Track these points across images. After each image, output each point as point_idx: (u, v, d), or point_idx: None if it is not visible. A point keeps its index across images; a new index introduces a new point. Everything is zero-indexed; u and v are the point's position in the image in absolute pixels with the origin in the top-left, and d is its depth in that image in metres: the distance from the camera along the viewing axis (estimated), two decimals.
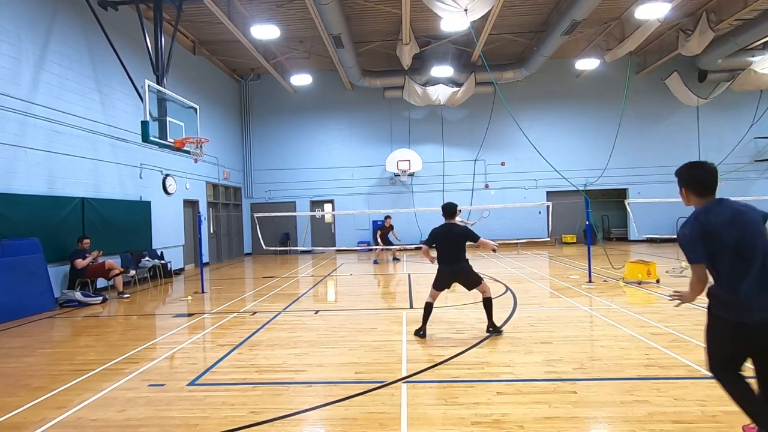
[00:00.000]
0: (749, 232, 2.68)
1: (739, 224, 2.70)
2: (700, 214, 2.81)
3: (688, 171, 2.97)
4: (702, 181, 2.90)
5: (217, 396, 4.08)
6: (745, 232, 2.68)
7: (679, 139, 19.59)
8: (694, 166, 2.96)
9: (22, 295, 7.97)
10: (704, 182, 2.89)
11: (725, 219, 2.72)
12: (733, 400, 2.90)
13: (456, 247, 5.74)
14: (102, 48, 10.68)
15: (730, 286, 2.71)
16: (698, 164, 2.95)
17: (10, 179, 8.42)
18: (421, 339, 5.66)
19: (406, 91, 18.39)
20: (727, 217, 2.73)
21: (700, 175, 2.90)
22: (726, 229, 2.70)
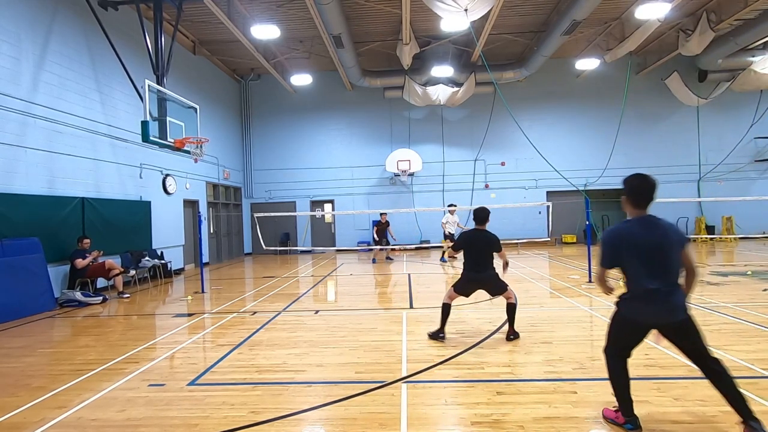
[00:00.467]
0: (662, 250, 3.05)
1: (656, 242, 3.06)
2: (625, 224, 3.16)
3: (631, 181, 3.18)
4: (640, 192, 3.13)
5: (217, 396, 4.08)
6: (662, 249, 3.05)
7: (679, 139, 19.60)
8: (639, 177, 3.16)
9: (22, 295, 7.97)
10: (642, 194, 3.13)
11: (644, 233, 3.07)
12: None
13: (482, 255, 5.60)
14: (102, 48, 10.68)
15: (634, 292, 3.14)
16: (642, 176, 3.16)
17: (10, 179, 8.42)
18: (439, 340, 5.53)
19: (406, 91, 18.39)
20: (647, 232, 3.08)
21: (645, 187, 3.13)
22: (641, 242, 3.06)
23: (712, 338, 5.27)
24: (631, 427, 3.18)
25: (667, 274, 3.08)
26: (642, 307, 3.13)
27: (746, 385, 3.86)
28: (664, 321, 3.13)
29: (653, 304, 3.08)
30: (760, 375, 4.13)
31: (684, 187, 19.47)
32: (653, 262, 3.06)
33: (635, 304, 3.16)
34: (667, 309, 3.08)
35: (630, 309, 3.21)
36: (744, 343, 5.06)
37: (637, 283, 3.12)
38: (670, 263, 3.08)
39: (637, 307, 3.16)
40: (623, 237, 3.13)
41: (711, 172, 19.43)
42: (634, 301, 3.16)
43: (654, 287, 3.05)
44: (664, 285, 3.06)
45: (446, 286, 10.11)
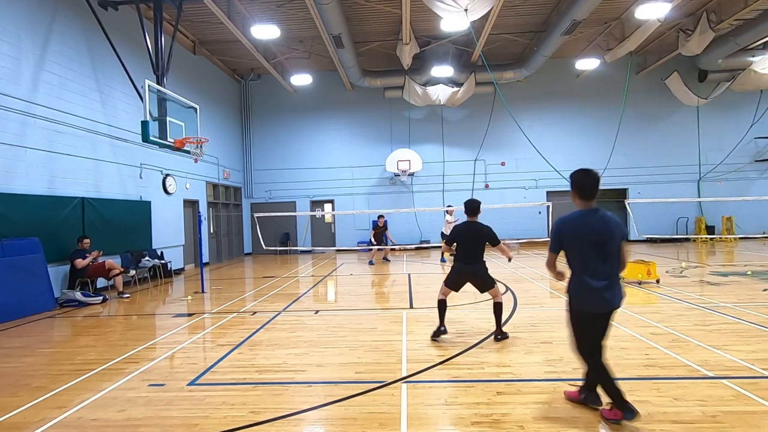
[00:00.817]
0: (604, 242, 3.25)
1: (599, 232, 3.26)
2: (575, 214, 3.35)
3: (577, 176, 3.38)
4: (587, 186, 3.34)
5: (217, 396, 4.08)
6: (602, 240, 3.25)
7: (679, 139, 19.60)
8: (583, 172, 3.37)
9: (22, 295, 7.97)
10: (588, 187, 3.34)
11: (591, 224, 3.28)
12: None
13: (474, 246, 5.61)
14: (102, 48, 10.68)
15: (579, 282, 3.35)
16: (587, 171, 3.37)
17: (11, 179, 8.42)
18: (438, 339, 5.53)
19: (406, 91, 18.39)
20: (593, 223, 3.28)
21: (587, 181, 3.34)
22: (587, 233, 3.25)
23: (712, 338, 5.28)
24: (630, 416, 3.22)
25: (609, 263, 3.29)
26: (589, 296, 3.30)
27: (746, 385, 3.87)
28: (609, 308, 3.32)
29: (598, 291, 3.27)
30: (760, 375, 4.13)
31: (684, 187, 19.47)
32: (597, 251, 3.26)
33: (583, 294, 3.33)
34: (610, 297, 3.28)
35: (580, 301, 3.37)
36: (744, 343, 5.06)
37: (582, 270, 3.32)
38: (611, 254, 3.29)
39: (585, 297, 3.32)
40: (572, 225, 3.33)
41: (711, 172, 19.43)
42: (581, 291, 3.34)
43: (597, 276, 3.26)
44: (606, 274, 3.28)
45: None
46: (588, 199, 3.36)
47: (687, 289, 8.36)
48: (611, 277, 3.31)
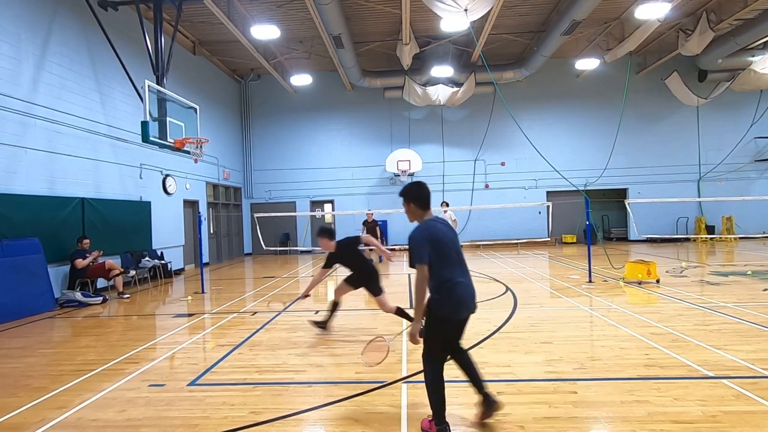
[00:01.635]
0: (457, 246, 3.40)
1: (453, 239, 3.40)
2: (428, 222, 3.38)
3: (416, 189, 3.47)
4: (425, 197, 3.46)
5: (217, 396, 4.08)
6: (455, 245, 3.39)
7: (679, 139, 19.60)
8: (420, 185, 3.49)
9: (22, 295, 7.97)
10: (426, 198, 3.46)
11: (445, 231, 3.37)
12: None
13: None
14: (102, 48, 10.69)
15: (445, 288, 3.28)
16: (422, 184, 3.50)
17: (11, 179, 8.42)
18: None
19: (406, 91, 18.38)
20: (446, 230, 3.39)
21: (424, 193, 3.46)
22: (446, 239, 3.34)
23: (712, 338, 5.28)
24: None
25: (465, 267, 3.40)
26: (456, 301, 3.28)
27: (746, 385, 3.87)
28: (471, 312, 3.37)
29: (467, 294, 3.32)
30: (760, 375, 4.13)
31: (684, 187, 19.47)
32: (455, 257, 3.35)
33: (451, 301, 3.27)
34: (473, 300, 3.39)
35: (445, 308, 3.28)
36: (744, 343, 5.06)
37: (447, 278, 3.27)
38: (462, 256, 3.42)
39: (451, 304, 3.28)
40: (433, 234, 3.30)
41: (711, 172, 19.43)
42: (451, 297, 3.28)
43: (461, 280, 3.31)
44: (467, 278, 3.38)
45: None
46: (428, 209, 3.46)
47: (687, 289, 8.36)
48: (470, 279, 3.42)
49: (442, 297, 3.26)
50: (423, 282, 3.22)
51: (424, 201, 3.44)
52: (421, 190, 3.45)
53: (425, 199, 3.44)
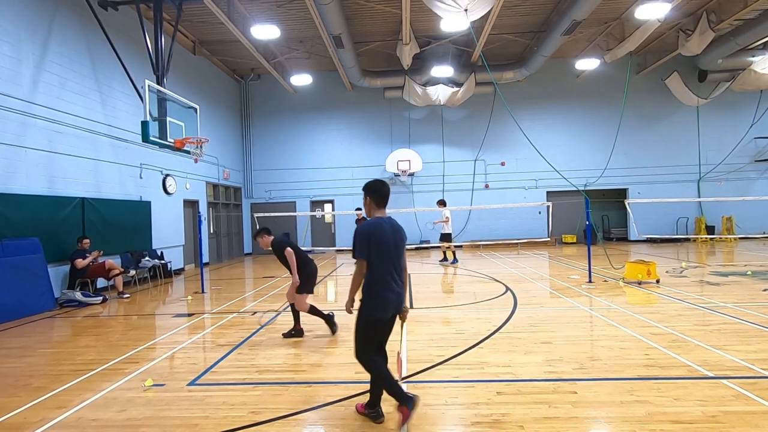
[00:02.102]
0: (398, 247, 3.51)
1: (395, 239, 3.49)
2: (376, 221, 3.51)
3: (377, 185, 3.59)
4: (384, 194, 3.59)
5: (217, 396, 4.08)
6: (396, 245, 3.49)
7: (679, 139, 19.60)
8: (382, 182, 3.60)
9: (22, 295, 7.97)
10: (385, 196, 3.59)
11: (389, 231, 3.48)
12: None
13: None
14: (102, 48, 10.69)
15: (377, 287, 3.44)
16: (384, 182, 3.61)
17: (11, 179, 8.42)
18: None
19: (406, 91, 18.38)
20: (390, 230, 3.49)
21: (384, 191, 3.58)
22: (386, 239, 3.44)
23: (712, 338, 5.28)
24: (411, 405, 3.34)
25: (400, 269, 3.53)
26: (383, 303, 3.44)
27: (746, 385, 3.87)
28: (397, 310, 3.54)
29: (393, 295, 3.46)
30: (760, 375, 4.13)
31: (684, 187, 19.47)
32: (390, 260, 3.47)
33: (379, 301, 3.43)
34: (401, 299, 3.53)
35: (375, 308, 3.44)
36: (744, 343, 5.06)
37: (378, 278, 3.44)
38: (401, 259, 3.55)
39: (380, 304, 3.44)
40: (376, 233, 3.44)
41: (711, 172, 19.43)
42: (378, 298, 3.43)
43: (391, 283, 3.45)
44: (399, 278, 3.51)
45: (447, 286, 10.13)
46: (383, 208, 3.59)
47: (687, 289, 8.36)
48: (401, 280, 3.55)
49: (371, 298, 3.44)
50: (358, 276, 3.49)
51: (381, 198, 3.56)
52: (382, 187, 3.57)
53: (382, 197, 3.57)
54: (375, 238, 3.42)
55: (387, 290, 3.43)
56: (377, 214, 3.57)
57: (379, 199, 3.56)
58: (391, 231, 3.50)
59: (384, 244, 3.44)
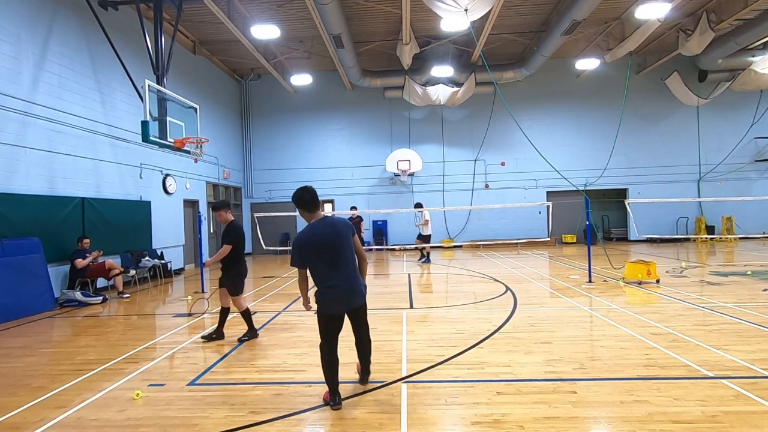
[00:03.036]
0: (335, 242, 3.59)
1: (330, 238, 3.59)
2: (309, 226, 3.66)
3: (298, 194, 3.69)
4: (307, 201, 3.67)
5: (217, 396, 4.08)
6: (332, 243, 3.59)
7: (679, 139, 19.60)
8: (301, 190, 3.68)
9: (22, 295, 7.98)
10: (308, 202, 3.68)
11: (321, 232, 3.60)
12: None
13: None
14: (102, 48, 10.69)
15: (321, 287, 3.66)
16: (305, 188, 3.69)
17: (11, 179, 8.43)
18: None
19: (406, 91, 18.39)
20: (323, 230, 3.60)
21: (306, 197, 3.67)
22: (320, 240, 3.58)
23: (712, 338, 5.29)
24: (333, 404, 3.69)
25: (346, 263, 3.64)
26: (330, 300, 3.65)
27: (746, 385, 3.87)
28: (349, 308, 3.76)
29: (340, 291, 3.63)
30: (760, 375, 4.13)
31: (684, 187, 19.47)
32: (330, 259, 3.59)
33: (326, 299, 3.66)
34: (352, 293, 3.68)
35: (324, 305, 3.68)
36: (744, 343, 5.06)
37: (321, 278, 3.63)
38: (346, 253, 3.64)
39: (328, 302, 3.66)
40: (307, 239, 3.59)
41: (711, 172, 19.43)
42: (325, 296, 3.65)
43: (334, 282, 3.60)
44: (343, 280, 3.62)
45: (446, 286, 10.12)
46: (314, 211, 3.70)
47: (687, 289, 8.36)
48: (350, 276, 3.68)
49: (320, 295, 3.68)
50: (300, 281, 3.79)
51: (304, 204, 3.68)
52: (302, 194, 3.66)
53: (305, 203, 3.68)
54: (307, 244, 3.58)
55: (332, 287, 3.62)
56: (313, 220, 3.69)
57: (303, 205, 3.69)
58: (326, 230, 3.61)
59: (319, 246, 3.58)
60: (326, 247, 3.59)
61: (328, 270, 3.61)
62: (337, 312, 3.72)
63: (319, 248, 3.59)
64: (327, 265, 3.60)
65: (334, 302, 3.67)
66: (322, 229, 3.62)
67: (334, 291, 3.63)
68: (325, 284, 3.65)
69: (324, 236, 3.59)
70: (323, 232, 3.60)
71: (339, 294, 3.64)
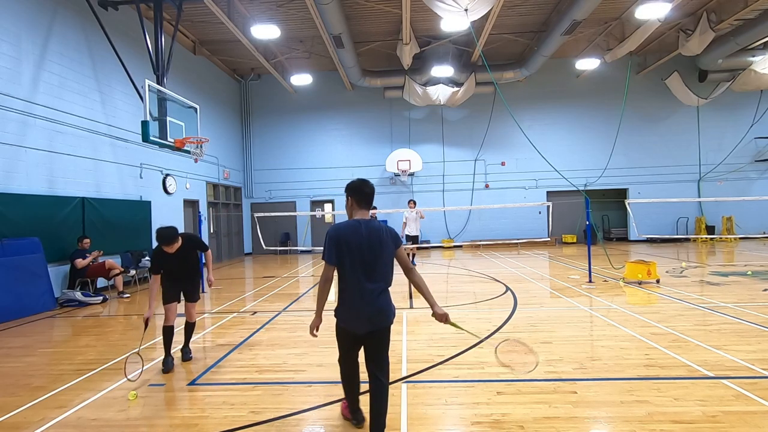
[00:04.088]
0: (376, 250, 3.10)
1: (374, 240, 3.10)
2: (349, 223, 3.19)
3: (359, 184, 3.30)
4: (364, 194, 3.28)
5: (217, 396, 4.08)
6: (374, 249, 3.09)
7: (679, 139, 19.60)
8: (363, 181, 3.33)
9: (22, 295, 7.98)
10: (366, 196, 3.28)
11: (360, 235, 3.10)
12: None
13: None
14: (102, 48, 10.69)
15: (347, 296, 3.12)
16: (365, 181, 3.34)
17: (11, 179, 8.43)
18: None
19: (406, 91, 18.39)
20: (361, 234, 3.11)
21: (365, 190, 3.29)
22: (356, 242, 3.08)
23: (712, 338, 5.28)
24: (356, 422, 3.42)
25: (377, 278, 3.10)
26: (351, 316, 3.14)
27: (746, 385, 3.87)
28: (371, 329, 3.13)
29: (368, 308, 3.08)
30: (760, 375, 4.13)
31: (684, 187, 19.47)
32: (362, 266, 3.07)
33: (346, 313, 3.16)
34: (374, 316, 3.10)
35: (343, 319, 3.20)
36: (744, 343, 5.06)
37: (347, 286, 3.11)
38: (381, 266, 3.12)
39: (347, 316, 3.17)
40: (345, 236, 3.09)
41: (711, 172, 19.43)
42: (348, 308, 3.14)
43: (369, 290, 3.06)
44: (379, 287, 3.10)
45: (446, 285, 10.12)
46: (365, 208, 3.28)
47: (687, 289, 8.36)
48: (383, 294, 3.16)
49: (340, 304, 3.19)
50: (324, 282, 3.14)
51: (362, 198, 3.26)
52: (364, 186, 3.28)
53: (364, 197, 3.26)
54: (344, 241, 3.07)
55: (359, 301, 3.07)
56: (357, 216, 3.23)
57: (360, 198, 3.25)
58: (370, 232, 3.10)
59: (357, 247, 3.06)
60: (364, 250, 3.07)
61: (359, 277, 3.07)
62: (353, 330, 3.17)
63: (355, 249, 3.07)
64: (358, 272, 3.07)
65: (355, 319, 3.13)
66: (366, 230, 3.11)
67: (357, 304, 3.09)
68: (349, 294, 3.12)
69: (365, 237, 3.09)
70: (366, 233, 3.10)
71: (363, 309, 3.08)
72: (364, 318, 3.10)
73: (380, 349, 3.22)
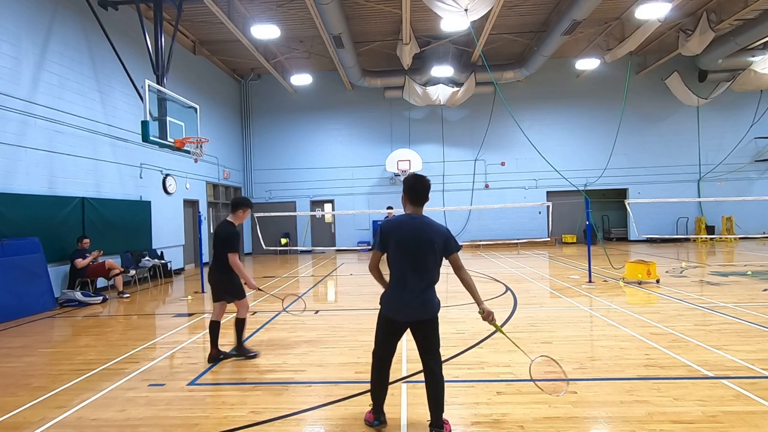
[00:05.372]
0: (422, 245, 3.17)
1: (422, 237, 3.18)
2: (402, 217, 3.30)
3: (413, 179, 3.32)
4: (417, 191, 3.29)
5: (217, 396, 4.08)
6: (420, 245, 3.17)
7: (679, 139, 19.61)
8: (418, 177, 3.34)
9: (22, 295, 7.97)
10: (418, 192, 3.29)
11: (411, 229, 3.20)
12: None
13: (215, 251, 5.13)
14: (102, 48, 10.68)
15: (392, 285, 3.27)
16: (418, 177, 3.34)
17: (11, 179, 8.42)
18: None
19: (406, 91, 18.39)
20: (413, 228, 3.21)
21: (418, 186, 3.30)
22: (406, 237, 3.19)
23: (712, 338, 5.28)
24: (377, 423, 3.39)
25: (422, 273, 3.20)
26: (394, 304, 3.24)
27: (746, 385, 3.87)
28: (413, 319, 3.24)
29: (409, 298, 3.19)
30: (760, 375, 4.13)
31: (684, 187, 19.47)
32: (408, 259, 3.19)
33: (389, 300, 3.27)
34: (416, 306, 3.21)
35: (385, 305, 3.31)
36: (744, 343, 5.06)
37: (395, 275, 3.25)
38: (426, 263, 3.20)
39: (390, 303, 3.27)
40: (395, 229, 3.24)
41: (711, 172, 19.43)
42: (390, 296, 3.27)
43: (412, 282, 3.18)
44: (423, 282, 3.20)
45: (446, 285, 10.13)
46: (418, 204, 3.31)
47: (687, 289, 8.36)
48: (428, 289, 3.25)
49: (385, 293, 3.32)
50: (373, 267, 3.36)
51: (412, 194, 3.29)
52: (415, 183, 3.30)
53: (414, 193, 3.29)
54: (393, 235, 3.22)
55: (401, 291, 3.20)
56: (408, 210, 3.32)
57: (410, 194, 3.30)
58: (416, 229, 3.19)
59: (402, 242, 3.19)
60: (409, 243, 3.17)
61: (403, 269, 3.20)
62: (393, 316, 3.26)
63: (400, 241, 3.19)
64: (402, 262, 3.20)
65: (396, 307, 3.23)
66: (414, 224, 3.21)
67: (401, 293, 3.20)
68: (393, 282, 3.26)
69: (412, 231, 3.19)
70: (413, 227, 3.20)
71: (405, 298, 3.19)
72: (404, 307, 3.21)
73: (429, 339, 3.31)
